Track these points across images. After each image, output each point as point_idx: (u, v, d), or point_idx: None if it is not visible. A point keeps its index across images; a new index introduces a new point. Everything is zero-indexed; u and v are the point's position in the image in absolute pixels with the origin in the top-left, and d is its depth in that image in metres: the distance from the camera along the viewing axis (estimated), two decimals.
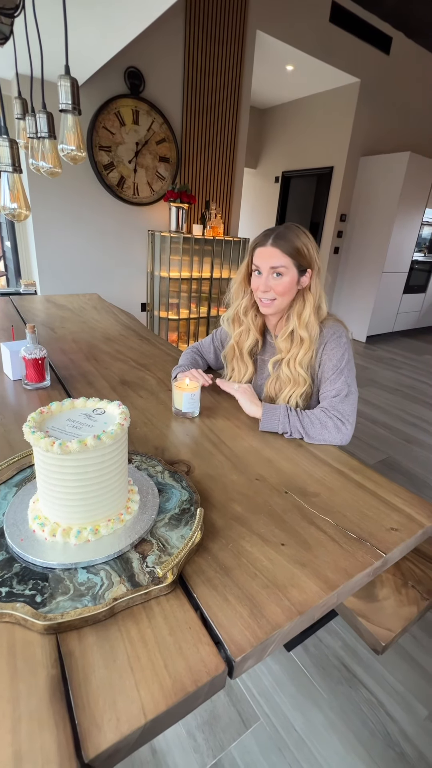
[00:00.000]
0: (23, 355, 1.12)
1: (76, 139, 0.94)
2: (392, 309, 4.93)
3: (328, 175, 4.51)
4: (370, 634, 0.85)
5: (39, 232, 2.90)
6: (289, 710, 1.09)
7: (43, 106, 1.11)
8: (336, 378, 1.01)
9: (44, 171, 1.16)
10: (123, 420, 0.60)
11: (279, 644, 0.53)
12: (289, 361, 1.05)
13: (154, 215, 3.37)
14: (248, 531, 0.68)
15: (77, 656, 0.47)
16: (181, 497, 0.72)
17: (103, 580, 0.54)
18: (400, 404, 3.13)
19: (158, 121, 3.09)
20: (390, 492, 0.81)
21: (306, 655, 1.24)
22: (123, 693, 0.43)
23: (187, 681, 0.45)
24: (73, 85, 0.92)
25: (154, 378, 1.29)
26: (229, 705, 1.10)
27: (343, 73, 3.82)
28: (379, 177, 4.30)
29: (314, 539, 0.67)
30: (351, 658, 1.24)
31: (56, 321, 1.92)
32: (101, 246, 3.22)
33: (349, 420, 0.98)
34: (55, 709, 0.41)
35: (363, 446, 2.47)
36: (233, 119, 3.44)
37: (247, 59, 3.32)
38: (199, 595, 0.55)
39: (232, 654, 0.48)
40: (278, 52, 3.53)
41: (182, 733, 1.03)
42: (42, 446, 0.54)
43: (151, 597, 0.54)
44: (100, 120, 2.85)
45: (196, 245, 3.31)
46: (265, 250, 0.99)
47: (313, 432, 0.97)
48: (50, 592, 0.52)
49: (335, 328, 1.04)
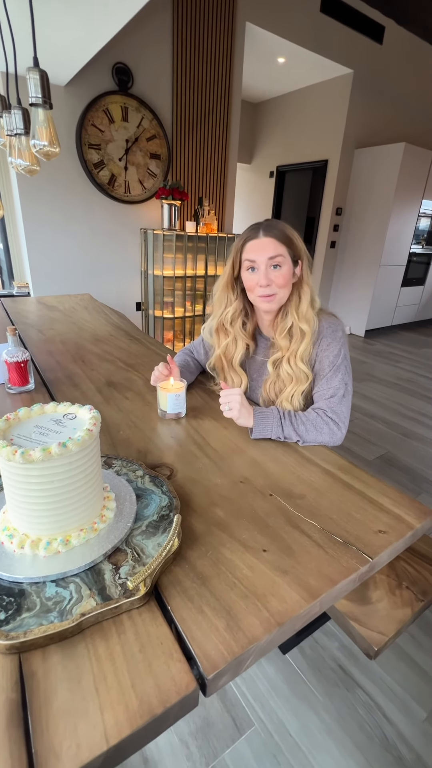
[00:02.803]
0: (5, 358, 1.10)
1: (49, 135, 0.91)
2: (391, 302, 4.89)
3: (323, 168, 4.46)
4: (363, 639, 0.83)
5: (30, 232, 2.87)
6: (284, 714, 1.07)
7: (18, 102, 1.08)
8: (332, 376, 0.97)
9: (22, 169, 1.13)
10: (92, 425, 0.57)
11: (257, 658, 0.51)
12: (289, 359, 1.00)
13: (147, 213, 3.33)
14: (229, 537, 0.65)
15: (39, 677, 0.44)
16: (160, 503, 0.69)
17: (72, 594, 0.52)
18: (399, 398, 3.10)
19: (148, 118, 3.05)
20: (379, 492, 0.78)
21: (302, 657, 1.21)
22: (85, 717, 0.41)
23: (155, 702, 0.42)
24: (42, 78, 0.89)
25: (142, 379, 1.27)
26: (223, 710, 1.07)
27: (336, 64, 3.76)
28: (374, 169, 4.25)
29: (298, 544, 0.64)
30: (347, 659, 1.21)
31: (45, 322, 1.90)
32: (94, 245, 3.18)
33: (344, 422, 0.95)
34: (11, 736, 0.39)
35: (361, 442, 2.44)
36: (225, 114, 3.40)
37: (237, 52, 3.27)
38: (174, 608, 0.53)
39: (204, 671, 0.45)
40: (269, 45, 3.47)
41: (174, 740, 1.01)
42: (4, 455, 0.51)
43: (122, 611, 0.51)
44: (89, 118, 2.81)
45: (190, 242, 3.27)
46: (259, 242, 0.95)
47: (308, 437, 0.93)
48: (15, 609, 0.50)
49: (330, 321, 1.00)
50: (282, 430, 0.93)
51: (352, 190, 4.50)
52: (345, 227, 4.67)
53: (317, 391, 1.00)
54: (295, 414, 0.95)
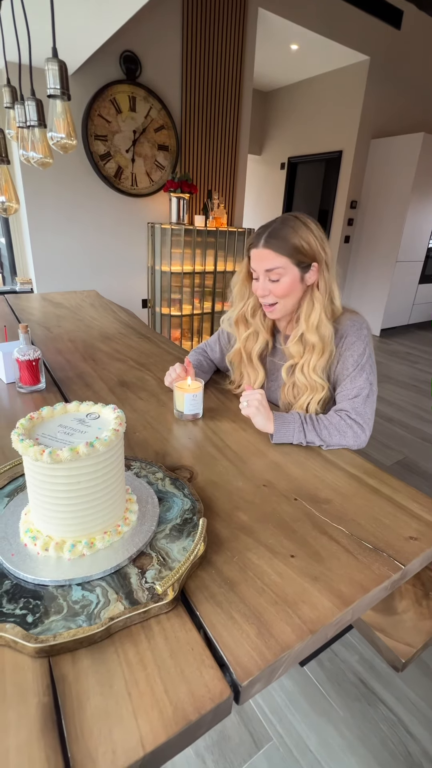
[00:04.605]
0: (16, 356, 1.12)
1: (66, 127, 0.93)
2: (407, 300, 4.87)
3: (337, 159, 4.46)
4: (389, 650, 0.83)
5: (34, 227, 2.90)
6: (303, 729, 1.08)
7: (32, 92, 1.10)
8: (357, 375, 0.97)
9: (35, 162, 1.15)
10: (118, 425, 0.58)
11: (289, 666, 0.52)
12: (303, 367, 1.00)
13: (154, 207, 3.36)
14: (255, 542, 0.66)
15: (71, 681, 0.45)
16: (182, 506, 0.70)
17: (99, 598, 0.53)
18: (417, 401, 3.09)
19: (156, 108, 3.08)
20: (408, 497, 0.79)
21: (321, 670, 1.22)
22: (120, 722, 0.42)
23: (189, 708, 0.43)
24: (61, 69, 0.91)
25: (155, 378, 1.28)
26: (240, 724, 1.08)
27: (352, 51, 3.76)
28: (391, 160, 4.24)
29: (326, 550, 0.65)
30: (369, 672, 1.22)
31: (52, 320, 1.92)
32: (99, 240, 3.21)
33: (368, 424, 0.95)
34: (46, 740, 0.40)
35: (378, 446, 2.43)
36: (235, 103, 3.41)
37: (249, 39, 3.28)
38: (203, 613, 0.53)
39: (238, 678, 0.46)
40: (282, 31, 3.49)
41: (190, 754, 1.02)
42: (31, 455, 0.52)
43: (150, 616, 0.52)
44: (95, 108, 2.84)
45: (199, 237, 3.29)
46: (258, 252, 0.95)
47: (331, 441, 0.93)
48: (42, 612, 0.51)
49: (354, 319, 1.00)
50: (304, 435, 0.93)
51: (368, 183, 4.49)
52: (360, 221, 4.66)
53: (341, 391, 1.00)
54: (318, 418, 0.96)
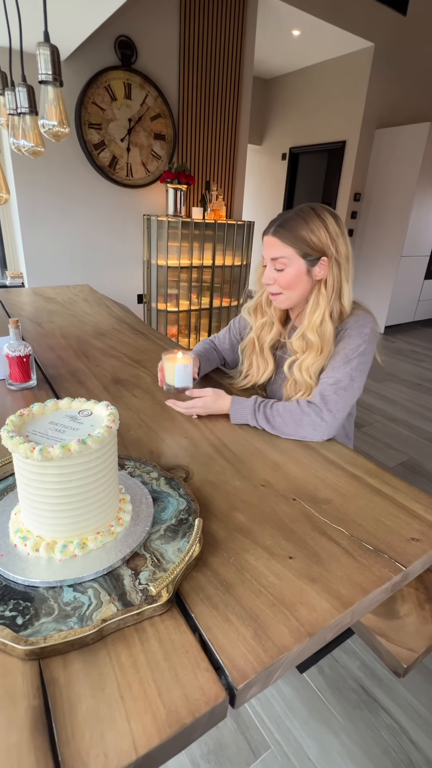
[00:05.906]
0: (6, 352, 1.12)
1: (59, 114, 0.93)
2: (413, 296, 4.88)
3: (340, 150, 4.46)
4: (391, 655, 0.84)
5: (25, 218, 2.90)
6: (302, 737, 1.08)
7: (23, 78, 1.10)
8: (341, 366, 0.97)
9: (25, 150, 1.15)
10: (111, 422, 0.59)
11: (286, 669, 0.52)
12: (300, 365, 1.02)
13: (150, 198, 3.35)
14: (252, 543, 0.67)
15: (62, 684, 0.46)
16: (178, 506, 0.71)
17: (91, 600, 0.53)
18: (422, 400, 3.10)
19: (152, 95, 3.07)
20: (410, 498, 0.79)
21: (320, 677, 1.22)
22: (112, 725, 0.42)
23: (184, 711, 0.44)
24: (53, 54, 0.91)
25: (150, 375, 1.28)
26: (237, 732, 1.09)
27: (356, 37, 3.77)
28: (396, 151, 4.25)
29: (326, 551, 0.66)
30: (370, 679, 1.22)
31: (43, 315, 1.92)
32: (93, 233, 3.21)
33: (333, 414, 0.94)
34: (36, 744, 0.40)
35: (382, 447, 2.44)
36: (235, 91, 3.41)
37: (249, 24, 3.28)
38: (198, 615, 0.54)
39: (233, 681, 0.47)
40: (283, 16, 3.49)
41: (186, 763, 1.02)
42: (21, 452, 0.53)
43: (144, 618, 0.53)
44: (89, 95, 2.84)
45: (197, 230, 3.29)
46: (267, 240, 1.00)
47: (285, 429, 0.95)
48: (33, 614, 0.51)
49: (360, 315, 1.01)
50: (256, 419, 0.97)
51: (372, 174, 4.50)
52: (363, 214, 4.67)
53: (322, 376, 1.00)
54: (273, 405, 0.98)
